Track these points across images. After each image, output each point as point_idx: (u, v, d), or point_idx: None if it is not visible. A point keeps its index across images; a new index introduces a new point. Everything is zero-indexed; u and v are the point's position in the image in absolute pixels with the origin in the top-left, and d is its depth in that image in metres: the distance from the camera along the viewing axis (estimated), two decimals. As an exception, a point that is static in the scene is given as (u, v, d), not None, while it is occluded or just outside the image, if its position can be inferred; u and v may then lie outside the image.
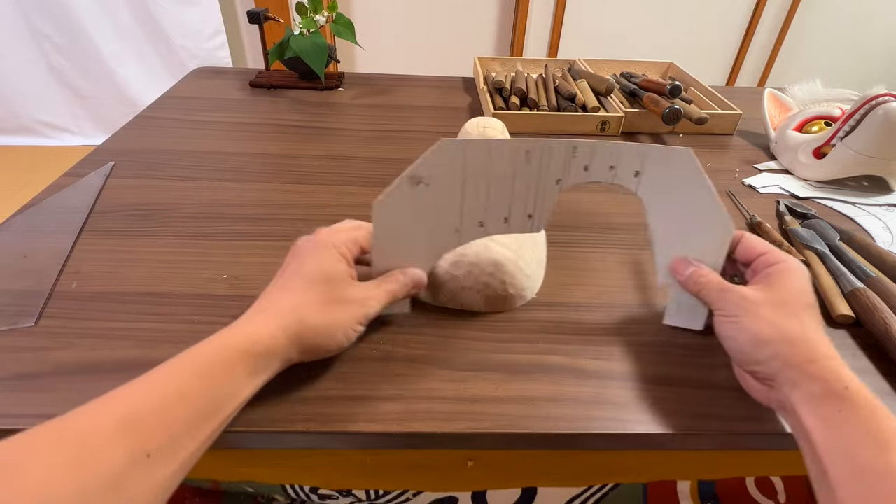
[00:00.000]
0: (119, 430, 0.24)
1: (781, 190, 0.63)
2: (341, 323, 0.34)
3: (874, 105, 0.57)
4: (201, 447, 0.27)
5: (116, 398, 0.26)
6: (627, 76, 0.89)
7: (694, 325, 0.40)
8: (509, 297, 0.41)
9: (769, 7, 1.96)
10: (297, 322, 0.32)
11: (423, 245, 0.38)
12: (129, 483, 0.23)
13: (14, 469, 0.22)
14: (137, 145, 0.66)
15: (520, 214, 0.37)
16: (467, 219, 0.37)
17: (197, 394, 0.27)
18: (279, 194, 0.57)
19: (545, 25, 1.97)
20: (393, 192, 0.35)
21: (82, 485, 0.22)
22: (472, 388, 0.36)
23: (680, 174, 0.36)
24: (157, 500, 0.25)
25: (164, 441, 0.25)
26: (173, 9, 1.85)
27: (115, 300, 0.41)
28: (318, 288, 0.33)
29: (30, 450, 0.23)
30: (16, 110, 1.97)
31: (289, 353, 0.32)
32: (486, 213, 0.37)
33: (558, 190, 0.37)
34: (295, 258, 0.35)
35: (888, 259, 0.46)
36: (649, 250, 0.50)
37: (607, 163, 0.36)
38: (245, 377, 0.29)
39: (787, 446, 0.37)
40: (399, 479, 0.42)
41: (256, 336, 0.30)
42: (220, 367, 0.29)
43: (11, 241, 0.48)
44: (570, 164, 0.36)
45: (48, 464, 0.22)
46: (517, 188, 0.36)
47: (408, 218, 0.36)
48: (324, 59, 0.82)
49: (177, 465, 0.25)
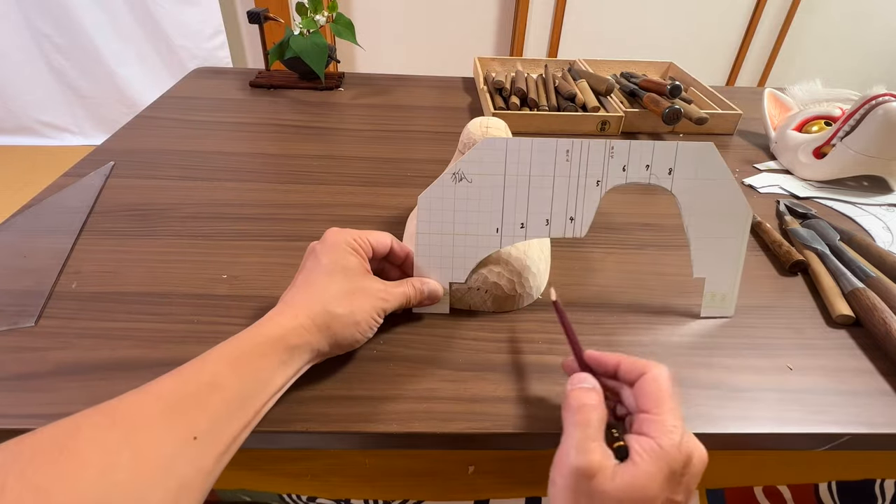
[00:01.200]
0: (165, 414, 0.25)
1: (781, 190, 0.63)
2: (363, 311, 0.34)
3: (874, 105, 0.57)
4: (241, 434, 0.28)
5: (156, 387, 0.27)
6: (627, 76, 0.89)
7: (726, 312, 0.42)
8: (517, 296, 0.42)
9: (769, 7, 1.96)
10: (324, 312, 0.33)
11: (465, 244, 0.39)
12: (180, 465, 0.24)
13: (71, 454, 0.22)
14: (137, 145, 0.66)
15: (561, 217, 0.38)
16: (508, 219, 0.38)
17: (230, 382, 0.28)
18: (279, 194, 0.57)
19: (545, 25, 1.97)
20: (436, 187, 0.37)
21: (136, 468, 0.23)
22: (472, 388, 0.36)
23: (705, 167, 0.37)
24: (205, 482, 0.25)
25: (206, 426, 0.26)
26: (173, 9, 1.85)
27: (115, 300, 0.41)
28: (338, 278, 0.34)
29: (82, 435, 0.23)
30: (16, 110, 1.97)
31: (319, 344, 0.33)
32: (527, 214, 0.38)
33: (600, 192, 0.37)
34: (310, 258, 0.36)
35: (888, 259, 0.46)
36: (649, 250, 0.50)
37: (643, 161, 0.37)
38: (277, 366, 0.30)
39: (788, 446, 0.38)
40: (399, 486, 0.42)
41: (288, 327, 0.31)
42: (253, 357, 0.30)
43: (11, 241, 0.48)
44: (608, 165, 0.37)
45: (101, 448, 0.23)
46: (558, 189, 0.37)
47: (450, 214, 0.38)
48: (324, 59, 0.82)
49: (221, 449, 0.26)
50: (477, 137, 0.44)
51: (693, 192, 0.38)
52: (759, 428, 0.34)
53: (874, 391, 0.36)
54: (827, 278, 0.45)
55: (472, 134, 0.45)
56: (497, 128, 0.45)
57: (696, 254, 0.40)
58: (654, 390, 0.27)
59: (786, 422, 0.34)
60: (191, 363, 0.29)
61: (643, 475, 0.24)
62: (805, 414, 0.35)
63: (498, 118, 0.47)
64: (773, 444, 0.36)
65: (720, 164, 0.37)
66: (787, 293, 0.45)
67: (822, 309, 0.44)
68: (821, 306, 0.44)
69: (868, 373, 0.38)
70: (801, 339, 0.41)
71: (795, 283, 0.47)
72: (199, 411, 0.26)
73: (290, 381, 0.32)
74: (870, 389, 0.37)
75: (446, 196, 0.37)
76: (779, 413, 0.35)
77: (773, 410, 0.35)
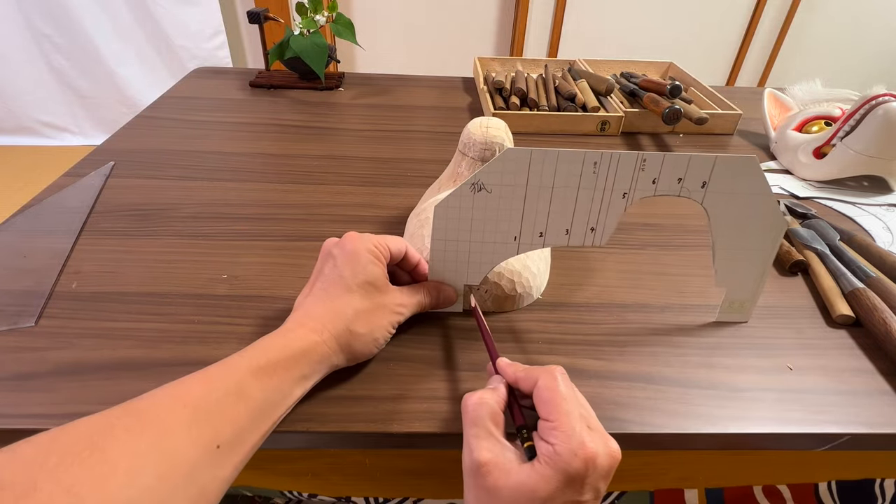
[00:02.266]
0: (192, 422, 0.25)
1: (781, 190, 0.63)
2: (381, 328, 0.35)
3: (874, 105, 0.57)
4: (259, 442, 0.28)
5: (183, 391, 0.27)
6: (627, 76, 0.89)
7: (743, 318, 0.42)
8: (518, 296, 0.41)
9: (769, 7, 1.96)
10: (346, 331, 0.33)
11: (480, 252, 0.38)
12: (203, 474, 0.24)
13: (99, 452, 0.22)
14: (137, 145, 0.66)
15: (582, 227, 0.36)
16: (527, 228, 0.37)
17: (255, 392, 0.28)
18: (279, 194, 0.57)
19: (545, 25, 1.97)
20: (453, 197, 0.36)
21: (163, 474, 0.23)
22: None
23: (744, 183, 0.35)
24: (221, 490, 0.26)
25: (230, 435, 0.26)
26: (173, 9, 1.85)
27: (115, 300, 0.41)
28: (359, 294, 0.34)
29: (110, 434, 0.23)
30: (16, 110, 1.97)
31: (338, 360, 0.33)
32: (547, 224, 0.36)
33: (625, 204, 0.36)
34: (328, 264, 0.35)
35: (888, 259, 0.46)
36: (649, 250, 0.50)
37: (675, 175, 0.35)
38: (299, 380, 0.31)
39: (788, 446, 0.38)
40: (399, 484, 0.42)
41: (313, 342, 0.32)
42: (278, 369, 0.30)
43: (11, 241, 0.48)
44: (637, 177, 0.35)
45: (131, 451, 0.23)
46: (581, 200, 0.35)
47: (467, 223, 0.36)
48: (324, 59, 0.82)
49: (241, 457, 0.27)
50: (477, 138, 0.44)
51: (727, 205, 0.36)
52: (759, 428, 0.34)
53: (874, 391, 0.37)
54: (827, 278, 0.45)
55: (472, 134, 0.45)
56: (497, 128, 0.45)
57: (720, 264, 0.38)
58: (547, 398, 0.27)
59: (786, 422, 0.34)
60: (217, 366, 0.29)
61: (538, 477, 0.25)
62: (805, 414, 0.35)
63: (498, 118, 0.47)
64: (773, 444, 0.36)
65: (761, 180, 0.35)
66: (787, 293, 0.45)
67: (822, 309, 0.44)
68: (821, 306, 0.44)
69: (868, 373, 0.38)
70: (801, 339, 0.41)
71: (795, 283, 0.47)
72: (224, 421, 0.26)
73: (305, 393, 0.32)
74: (870, 389, 0.37)
75: (464, 206, 0.36)
76: (779, 413, 0.35)
77: (772, 410, 0.35)
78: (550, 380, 0.28)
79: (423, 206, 0.47)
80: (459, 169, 0.47)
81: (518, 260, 0.41)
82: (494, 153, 0.45)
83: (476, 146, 0.45)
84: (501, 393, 0.30)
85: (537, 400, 0.28)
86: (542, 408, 0.28)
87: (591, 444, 0.26)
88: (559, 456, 0.25)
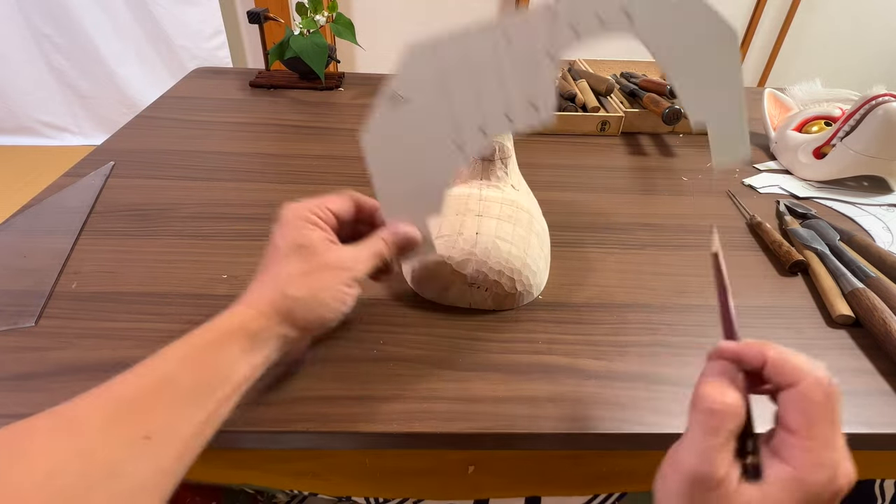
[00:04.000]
0: (111, 418, 0.25)
1: (781, 190, 0.63)
2: (327, 289, 0.32)
3: (874, 105, 0.57)
4: (201, 430, 0.27)
5: (106, 388, 0.26)
6: (627, 76, 0.89)
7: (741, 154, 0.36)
8: (517, 294, 0.42)
9: (769, 7, 1.96)
10: (283, 297, 0.31)
11: (428, 175, 0.35)
12: (130, 468, 0.24)
13: (21, 456, 0.22)
14: (137, 145, 0.66)
15: (522, 106, 0.33)
16: (465, 128, 0.33)
17: (184, 377, 0.27)
18: (279, 194, 0.57)
19: (545, 25, 1.97)
20: (376, 120, 0.33)
21: (84, 473, 0.23)
22: (472, 388, 0.36)
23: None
24: (166, 482, 0.25)
25: (158, 424, 0.25)
26: (173, 9, 1.85)
27: (115, 300, 0.41)
28: (292, 259, 0.32)
29: (33, 438, 0.23)
30: (16, 110, 1.97)
31: (285, 329, 0.31)
32: (483, 115, 0.33)
33: (554, 67, 0.32)
34: (271, 239, 0.34)
35: (888, 259, 0.46)
36: (649, 250, 0.50)
37: (591, 11, 0.31)
38: (239, 356, 0.29)
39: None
40: (399, 484, 0.42)
41: (245, 316, 0.30)
42: (208, 350, 0.29)
43: (11, 241, 0.48)
44: (554, 30, 0.31)
45: (51, 452, 0.23)
46: (507, 76, 0.32)
47: (401, 147, 0.33)
48: (324, 59, 0.82)
49: (178, 449, 0.26)
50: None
51: (662, 29, 0.32)
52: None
53: (874, 391, 0.37)
54: (827, 278, 0.45)
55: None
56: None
57: (686, 99, 0.34)
58: (804, 408, 0.22)
59: (786, 422, 0.34)
60: (144, 362, 0.28)
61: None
62: (805, 414, 0.35)
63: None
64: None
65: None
66: (787, 293, 0.45)
67: (822, 309, 0.44)
68: (821, 306, 0.44)
69: (868, 373, 0.38)
70: (801, 339, 0.41)
71: (795, 284, 0.47)
72: (150, 410, 0.26)
73: (260, 368, 0.30)
74: (870, 389, 0.37)
75: (390, 126, 0.33)
76: (779, 413, 0.35)
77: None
78: (814, 388, 0.22)
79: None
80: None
81: (518, 258, 0.41)
82: (494, 151, 0.45)
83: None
84: (743, 392, 0.24)
85: (787, 403, 0.23)
86: (790, 416, 0.22)
87: (845, 475, 0.21)
88: (805, 486, 0.21)
